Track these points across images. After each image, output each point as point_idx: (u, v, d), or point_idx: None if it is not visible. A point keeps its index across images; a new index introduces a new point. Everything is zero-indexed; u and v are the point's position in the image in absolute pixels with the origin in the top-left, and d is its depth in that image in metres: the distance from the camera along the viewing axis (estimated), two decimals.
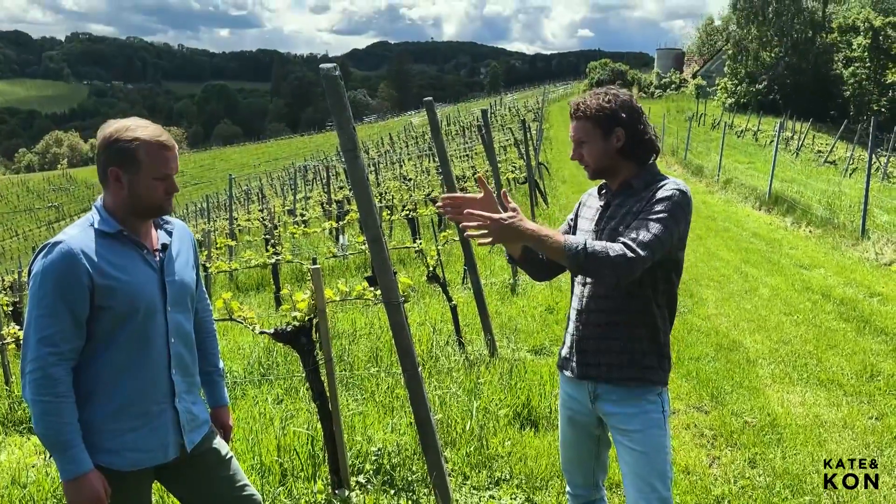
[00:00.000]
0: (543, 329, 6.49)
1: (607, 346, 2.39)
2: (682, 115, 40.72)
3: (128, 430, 2.17)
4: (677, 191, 2.27)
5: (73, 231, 2.13)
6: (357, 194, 3.17)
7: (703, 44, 64.86)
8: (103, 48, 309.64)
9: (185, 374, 2.32)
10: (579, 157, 2.42)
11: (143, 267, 2.19)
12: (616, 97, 2.34)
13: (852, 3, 49.49)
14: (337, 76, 3.00)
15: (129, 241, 2.18)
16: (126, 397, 2.17)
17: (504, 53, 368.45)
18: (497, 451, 4.06)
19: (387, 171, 27.30)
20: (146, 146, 2.12)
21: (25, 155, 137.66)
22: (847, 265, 9.78)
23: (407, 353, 3.25)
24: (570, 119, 2.42)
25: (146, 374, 2.20)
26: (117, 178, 2.13)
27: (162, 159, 2.15)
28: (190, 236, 2.45)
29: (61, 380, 2.05)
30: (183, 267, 2.32)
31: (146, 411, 2.20)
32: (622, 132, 2.33)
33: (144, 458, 2.21)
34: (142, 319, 2.16)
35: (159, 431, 2.23)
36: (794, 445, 4.31)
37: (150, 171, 2.14)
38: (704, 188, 19.18)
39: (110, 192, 2.17)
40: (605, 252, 2.11)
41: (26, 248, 43.12)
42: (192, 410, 2.33)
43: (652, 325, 2.37)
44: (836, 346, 6.22)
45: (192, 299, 2.37)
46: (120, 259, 2.14)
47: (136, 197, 2.15)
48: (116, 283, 2.10)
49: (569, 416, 2.59)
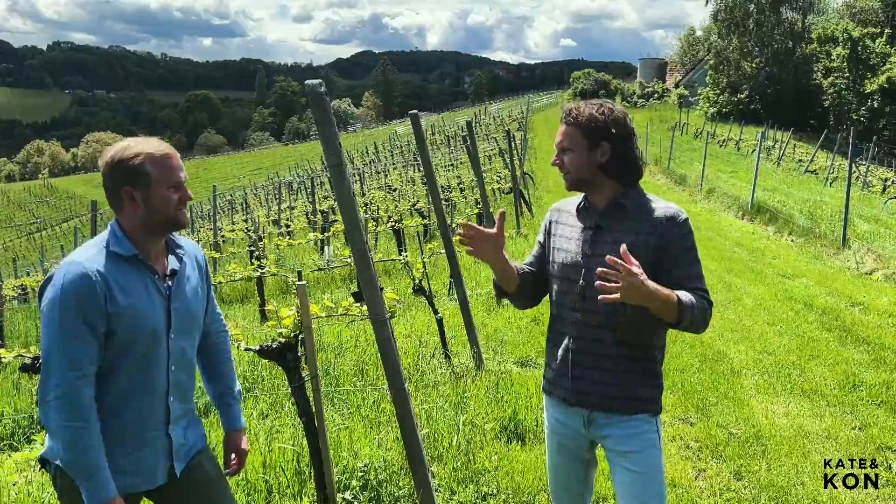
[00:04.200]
0: (529, 341, 6.50)
1: (601, 376, 2.35)
2: (665, 124, 41.08)
3: (121, 455, 2.15)
4: (689, 221, 2.32)
5: (88, 252, 2.11)
6: (343, 209, 3.16)
7: (685, 53, 65.55)
8: (85, 57, 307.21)
9: (183, 400, 2.30)
10: (560, 163, 2.37)
11: (153, 293, 2.17)
12: (610, 111, 2.30)
13: (831, 14, 50.25)
14: (322, 92, 3.00)
15: (142, 265, 2.17)
16: (125, 423, 2.15)
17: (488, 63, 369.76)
18: (484, 465, 4.05)
19: (372, 181, 27.29)
20: (151, 158, 2.13)
21: (6, 164, 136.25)
22: (829, 274, 9.88)
23: (394, 369, 3.24)
24: (560, 123, 2.38)
25: (145, 400, 2.18)
26: (131, 198, 2.13)
27: (169, 168, 2.16)
28: (201, 258, 2.44)
29: (89, 404, 2.03)
30: (191, 293, 2.31)
31: (142, 437, 2.19)
32: (608, 147, 2.29)
33: (135, 484, 2.20)
34: (145, 346, 2.14)
35: (151, 457, 2.22)
36: (779, 457, 4.33)
37: (162, 181, 2.14)
38: (688, 197, 19.33)
39: (125, 213, 2.16)
40: (702, 308, 2.22)
41: (6, 259, 42.57)
42: (186, 437, 2.32)
43: (650, 357, 2.36)
44: (818, 356, 6.28)
45: (197, 326, 2.35)
46: (130, 284, 2.12)
47: (153, 211, 2.14)
48: (124, 309, 2.08)
49: (558, 443, 2.55)
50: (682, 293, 2.19)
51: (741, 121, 40.39)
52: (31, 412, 5.59)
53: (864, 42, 40.83)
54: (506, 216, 2.32)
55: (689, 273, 2.27)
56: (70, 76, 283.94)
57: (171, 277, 2.24)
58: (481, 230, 2.33)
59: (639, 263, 2.10)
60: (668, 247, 2.26)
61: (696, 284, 2.26)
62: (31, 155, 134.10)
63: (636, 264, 2.08)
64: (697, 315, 2.19)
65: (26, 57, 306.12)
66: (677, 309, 2.16)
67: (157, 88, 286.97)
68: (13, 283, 14.92)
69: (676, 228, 2.27)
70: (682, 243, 2.28)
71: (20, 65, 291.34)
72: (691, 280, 2.26)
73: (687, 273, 2.27)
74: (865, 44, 40.80)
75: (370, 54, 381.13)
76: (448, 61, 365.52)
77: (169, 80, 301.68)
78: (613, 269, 2.06)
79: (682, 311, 2.16)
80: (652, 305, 2.13)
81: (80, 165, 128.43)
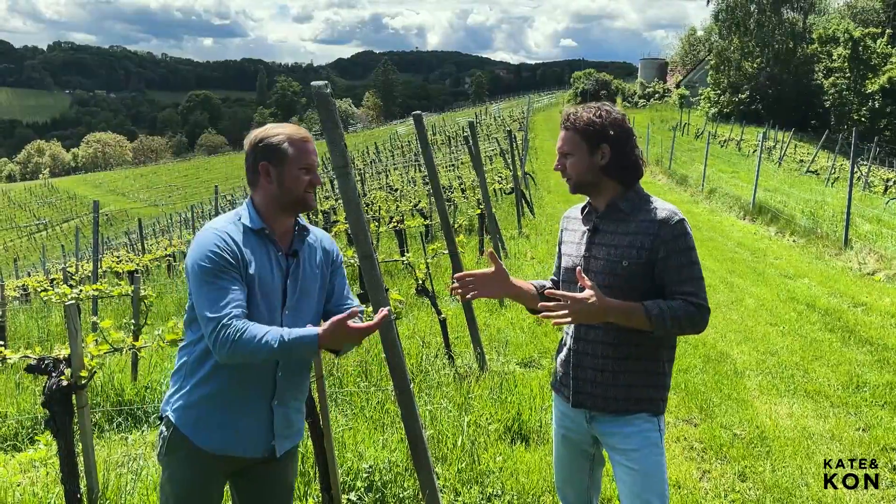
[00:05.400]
0: (532, 341, 6.50)
1: (604, 378, 2.36)
2: (666, 124, 41.08)
3: (224, 416, 2.27)
4: (685, 222, 2.31)
5: (220, 222, 2.29)
6: (349, 212, 3.16)
7: (686, 54, 65.57)
8: (86, 57, 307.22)
9: (291, 378, 2.37)
10: (562, 168, 2.41)
11: (274, 266, 2.30)
12: (608, 114, 2.33)
13: (832, 14, 50.23)
14: (329, 94, 3.01)
15: (267, 239, 2.31)
16: (232, 386, 2.26)
17: (488, 63, 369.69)
18: (488, 466, 4.05)
19: (373, 182, 27.27)
20: (290, 140, 2.30)
21: (7, 165, 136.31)
22: (831, 275, 9.88)
23: (399, 370, 3.24)
24: (560, 129, 2.42)
25: (253, 368, 2.26)
26: (267, 173, 2.30)
27: (305, 150, 2.31)
28: (329, 245, 2.51)
29: (241, 325, 2.10)
30: (310, 275, 2.39)
31: (244, 404, 2.29)
32: (608, 149, 2.32)
33: (233, 446, 2.30)
34: (261, 314, 2.24)
35: (253, 427, 2.31)
36: (783, 458, 4.34)
37: (297, 161, 2.29)
38: (689, 198, 19.33)
39: (260, 188, 2.33)
40: (686, 315, 2.22)
41: (7, 259, 42.56)
42: (289, 416, 2.39)
43: (654, 358, 2.37)
44: (821, 356, 6.28)
45: (311, 308, 2.40)
46: (256, 253, 2.26)
47: (285, 189, 2.29)
48: (248, 273, 2.22)
49: (563, 435, 2.58)
50: (651, 302, 2.22)
51: (742, 121, 40.37)
52: (34, 412, 5.60)
53: (866, 42, 40.79)
54: (494, 252, 2.42)
55: (679, 277, 2.26)
56: (70, 76, 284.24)
57: (294, 256, 2.36)
58: (479, 273, 2.40)
59: (592, 284, 2.18)
60: (659, 248, 2.27)
61: (685, 289, 2.25)
62: (32, 155, 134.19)
63: (589, 285, 2.17)
64: (676, 322, 2.21)
65: (27, 57, 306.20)
66: (646, 319, 2.20)
67: (157, 88, 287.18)
68: (14, 284, 14.93)
69: (668, 230, 2.27)
70: (674, 245, 2.27)
71: (21, 65, 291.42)
72: (681, 284, 2.26)
73: (677, 277, 2.26)
74: (866, 44, 40.77)
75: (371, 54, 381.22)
76: (448, 61, 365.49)
77: (169, 81, 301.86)
78: (557, 300, 2.17)
79: (652, 320, 2.19)
80: (614, 320, 2.20)
81: (80, 165, 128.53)
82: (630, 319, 2.20)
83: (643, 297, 2.26)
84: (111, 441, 5.16)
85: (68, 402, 3.36)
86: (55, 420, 3.31)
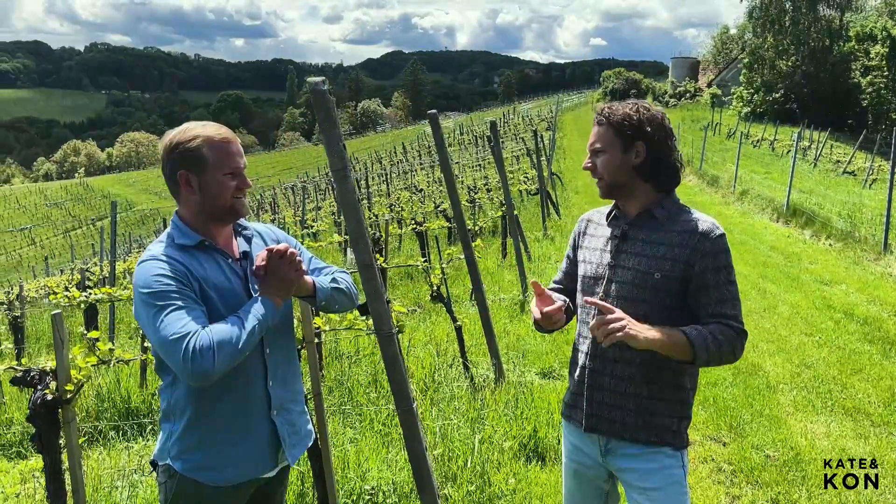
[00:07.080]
0: (553, 350, 6.23)
1: (622, 401, 2.14)
2: (697, 124, 40.34)
3: (228, 444, 2.10)
4: (726, 238, 2.09)
5: (154, 249, 2.06)
6: (347, 216, 2.93)
7: (718, 52, 64.39)
8: (121, 58, 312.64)
9: (284, 385, 2.22)
10: (592, 166, 2.18)
11: (230, 276, 2.11)
12: (647, 110, 2.12)
13: (869, 11, 48.95)
14: (326, 90, 2.78)
15: (211, 250, 2.10)
16: (225, 411, 2.09)
17: (518, 62, 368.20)
18: (500, 488, 3.81)
19: (399, 182, 27.16)
20: (209, 143, 2.05)
21: (44, 164, 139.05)
22: (870, 281, 9.44)
23: (401, 388, 3.01)
24: (593, 124, 2.21)
25: (242, 386, 2.10)
26: (187, 182, 2.05)
27: (227, 153, 2.07)
28: (276, 235, 2.31)
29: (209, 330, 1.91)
30: None
31: (245, 425, 2.13)
32: (643, 147, 2.10)
33: (242, 474, 2.14)
34: None
35: (258, 446, 2.15)
36: (821, 484, 4.02)
37: (219, 166, 2.05)
38: (720, 199, 18.85)
39: (182, 199, 2.09)
40: (728, 341, 2.01)
41: (40, 256, 43.27)
42: (292, 421, 2.24)
43: (676, 384, 2.13)
44: (861, 370, 5.92)
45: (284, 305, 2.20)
46: (206, 267, 2.06)
47: (210, 198, 2.06)
48: (204, 289, 2.02)
49: (575, 470, 2.34)
50: (692, 329, 1.98)
51: (776, 121, 39.51)
52: None
53: None
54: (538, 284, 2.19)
55: (717, 296, 2.04)
56: (106, 77, 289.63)
57: (244, 259, 2.18)
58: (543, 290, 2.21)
59: (621, 312, 1.95)
60: (695, 263, 2.04)
61: (724, 310, 2.04)
62: (68, 154, 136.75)
63: (618, 314, 1.94)
64: (718, 351, 1.99)
65: (64, 58, 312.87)
66: (689, 349, 1.97)
67: (190, 88, 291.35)
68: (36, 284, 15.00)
69: (709, 244, 2.05)
70: (713, 261, 2.04)
71: (58, 66, 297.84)
72: (720, 304, 2.04)
73: (717, 296, 2.04)
74: None
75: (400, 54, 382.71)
76: (478, 61, 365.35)
77: (202, 81, 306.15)
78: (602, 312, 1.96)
79: (696, 350, 1.97)
80: (649, 347, 1.96)
81: (114, 165, 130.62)
82: (671, 347, 1.97)
83: (669, 314, 2.04)
84: (117, 450, 5.01)
85: (54, 416, 3.19)
86: (40, 436, 3.14)
